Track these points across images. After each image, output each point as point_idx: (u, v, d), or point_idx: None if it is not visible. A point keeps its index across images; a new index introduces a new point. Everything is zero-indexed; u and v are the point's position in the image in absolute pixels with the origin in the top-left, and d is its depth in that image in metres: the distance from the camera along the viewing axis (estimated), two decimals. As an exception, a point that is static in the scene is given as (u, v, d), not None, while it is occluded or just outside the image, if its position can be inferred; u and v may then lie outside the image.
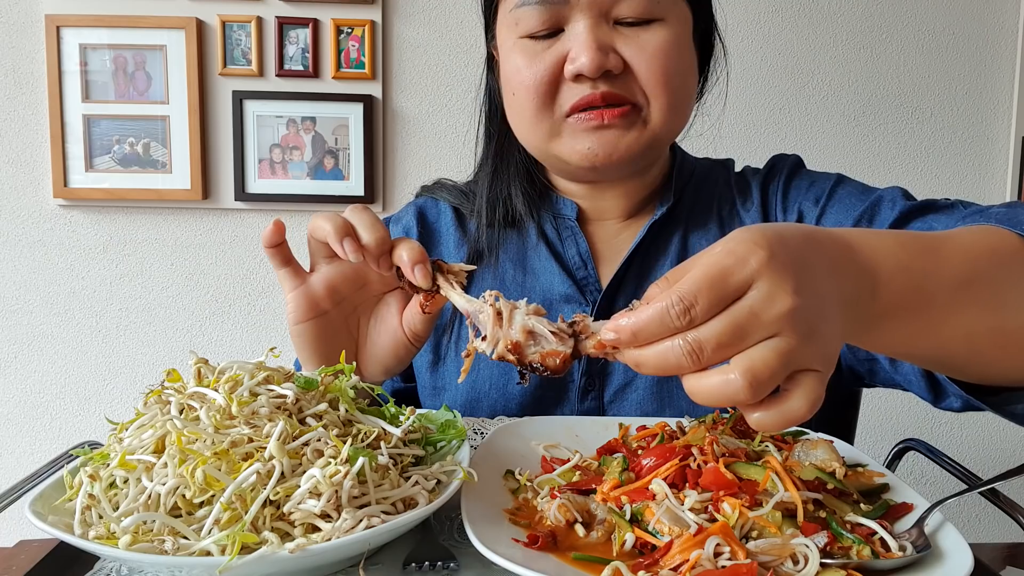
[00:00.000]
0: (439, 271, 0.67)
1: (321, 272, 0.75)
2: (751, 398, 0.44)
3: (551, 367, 0.54)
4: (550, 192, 0.98)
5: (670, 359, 0.45)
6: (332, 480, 0.53)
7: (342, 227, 0.67)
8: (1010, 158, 2.12)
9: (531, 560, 0.50)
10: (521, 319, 0.55)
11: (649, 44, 0.82)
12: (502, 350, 0.55)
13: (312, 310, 0.74)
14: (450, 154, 2.07)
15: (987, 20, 2.09)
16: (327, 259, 0.74)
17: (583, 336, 0.54)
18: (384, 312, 0.78)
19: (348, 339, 0.78)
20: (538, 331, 0.54)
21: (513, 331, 0.55)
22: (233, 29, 1.99)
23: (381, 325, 0.78)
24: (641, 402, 0.90)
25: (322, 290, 0.75)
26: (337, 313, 0.76)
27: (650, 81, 0.82)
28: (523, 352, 0.55)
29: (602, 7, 0.81)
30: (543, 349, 0.54)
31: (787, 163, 0.97)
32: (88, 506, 0.54)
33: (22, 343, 2.08)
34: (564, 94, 0.84)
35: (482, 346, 0.57)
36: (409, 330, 0.76)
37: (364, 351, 0.78)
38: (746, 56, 2.07)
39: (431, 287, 0.67)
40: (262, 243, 0.73)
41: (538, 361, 0.54)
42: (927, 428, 2.12)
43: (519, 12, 0.84)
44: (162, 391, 0.62)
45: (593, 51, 0.80)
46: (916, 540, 0.54)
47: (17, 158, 2.02)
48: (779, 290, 0.44)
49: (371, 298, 0.78)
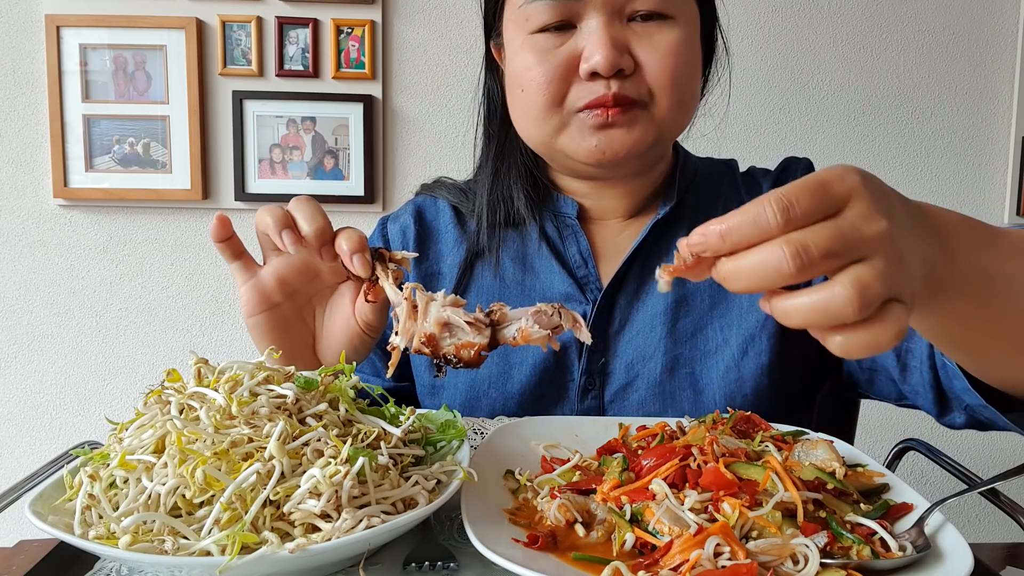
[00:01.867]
0: (380, 260, 0.67)
1: (271, 265, 0.75)
2: (858, 314, 0.41)
3: (465, 359, 0.54)
4: (552, 191, 0.98)
5: (770, 263, 0.41)
6: (332, 480, 0.53)
7: (281, 219, 0.68)
8: (1010, 158, 2.12)
9: (531, 560, 0.50)
10: (436, 311, 0.55)
11: (661, 43, 0.82)
12: (417, 344, 0.55)
13: (264, 303, 0.75)
14: (450, 154, 2.07)
15: (987, 20, 2.09)
16: (274, 252, 0.75)
17: (500, 325, 0.53)
18: (338, 303, 0.78)
19: (304, 330, 0.78)
20: (454, 322, 0.54)
21: (427, 323, 0.55)
22: (233, 29, 1.99)
23: (336, 316, 0.78)
24: (642, 402, 0.90)
25: (272, 283, 0.75)
26: (290, 305, 0.77)
27: (659, 79, 0.82)
28: (437, 344, 0.54)
29: (616, 3, 0.81)
30: (459, 341, 0.54)
31: (800, 166, 0.98)
32: (88, 506, 0.54)
33: (22, 343, 2.08)
34: (575, 91, 0.83)
35: (396, 340, 0.56)
36: (361, 320, 0.75)
37: (320, 342, 0.79)
38: (747, 56, 2.07)
39: (370, 276, 0.67)
40: (211, 238, 0.73)
41: (452, 353, 0.54)
42: (927, 428, 2.12)
43: (529, 8, 0.84)
44: (162, 391, 0.62)
45: (608, 48, 0.80)
46: (916, 540, 0.54)
47: (17, 158, 2.02)
48: (876, 211, 0.42)
49: (325, 289, 0.78)
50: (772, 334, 0.89)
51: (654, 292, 0.92)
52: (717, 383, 0.88)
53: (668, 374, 0.89)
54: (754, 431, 0.72)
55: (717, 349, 0.90)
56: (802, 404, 0.95)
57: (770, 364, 0.88)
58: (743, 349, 0.89)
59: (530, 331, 0.56)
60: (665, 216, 0.93)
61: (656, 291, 0.92)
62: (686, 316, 0.91)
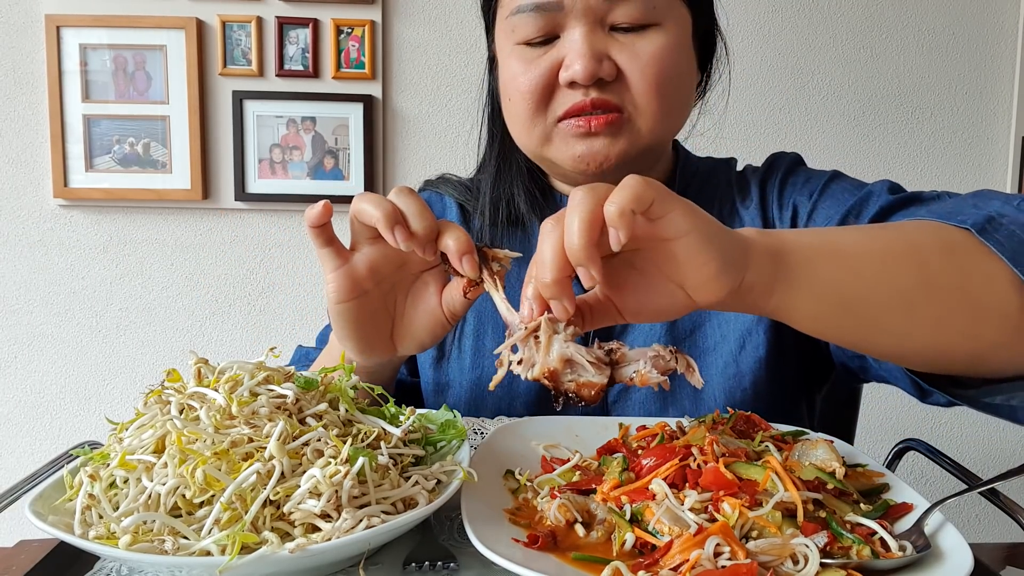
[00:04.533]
0: (484, 260, 0.67)
1: (364, 253, 0.73)
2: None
3: (586, 397, 0.54)
4: (553, 192, 0.98)
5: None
6: (332, 480, 0.53)
7: (391, 214, 0.66)
8: (1010, 158, 2.12)
9: (531, 560, 0.50)
10: (559, 347, 0.54)
11: (644, 52, 0.82)
12: (538, 374, 0.54)
13: (354, 290, 0.73)
14: (450, 154, 2.07)
15: (987, 20, 2.09)
16: (370, 241, 0.73)
17: (620, 364, 0.53)
18: (422, 291, 0.77)
19: (386, 317, 0.77)
20: (577, 360, 0.54)
21: (551, 358, 0.54)
22: (233, 29, 1.99)
23: (420, 304, 0.77)
24: (644, 402, 0.90)
25: (364, 271, 0.73)
26: (377, 292, 0.75)
27: (642, 89, 0.82)
28: (559, 380, 0.54)
29: (597, 14, 0.81)
30: (579, 378, 0.54)
31: (785, 161, 0.98)
32: (88, 506, 0.54)
33: (22, 343, 2.08)
34: (557, 100, 0.84)
35: (518, 369, 0.56)
36: (448, 310, 0.75)
37: (400, 328, 0.78)
38: (746, 56, 2.07)
39: (478, 278, 0.67)
40: (306, 223, 0.71)
41: (573, 390, 0.54)
42: (927, 428, 2.12)
43: (515, 19, 0.84)
44: (162, 391, 0.62)
45: (587, 59, 0.80)
46: (916, 540, 0.54)
47: (17, 158, 2.02)
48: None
49: (409, 276, 0.77)
50: (768, 327, 0.89)
51: (655, 292, 0.92)
52: (717, 379, 0.89)
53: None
54: (754, 431, 0.72)
55: (716, 346, 0.90)
56: (802, 403, 0.95)
57: (767, 357, 0.88)
58: (740, 343, 0.89)
59: (648, 376, 0.57)
60: None
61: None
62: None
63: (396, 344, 0.77)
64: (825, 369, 0.95)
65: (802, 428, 0.75)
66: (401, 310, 0.77)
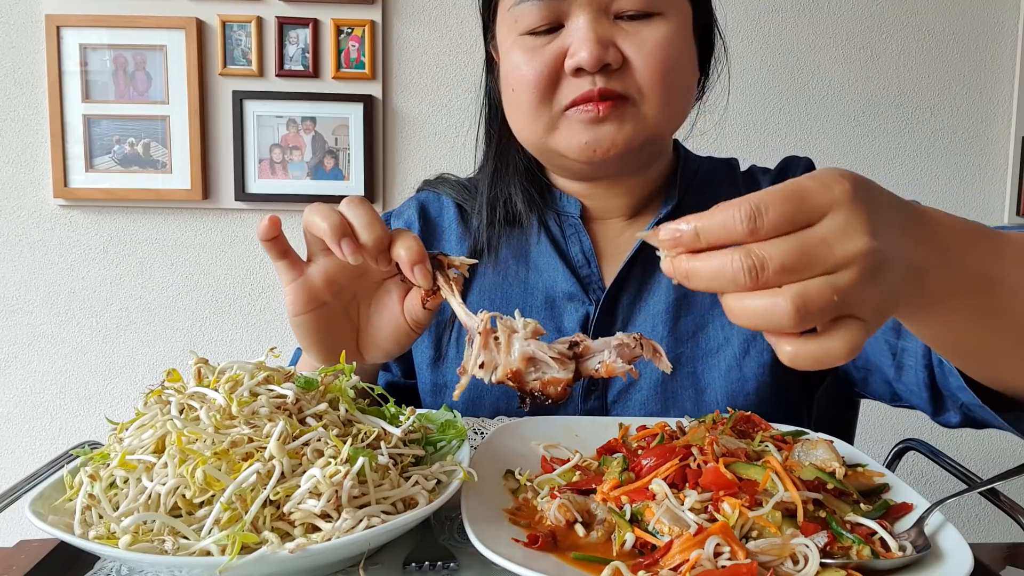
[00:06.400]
0: (439, 268, 0.66)
1: (319, 264, 0.74)
2: (794, 326, 0.41)
3: (552, 395, 0.53)
4: (553, 191, 0.98)
5: (726, 271, 0.42)
6: (332, 480, 0.53)
7: (338, 227, 0.66)
8: (1010, 158, 2.12)
9: (531, 560, 0.50)
10: (520, 346, 0.54)
11: (649, 39, 0.82)
12: (500, 376, 0.54)
13: (312, 302, 0.74)
14: (450, 154, 2.07)
15: (987, 20, 2.09)
16: (324, 252, 0.73)
17: (584, 358, 0.53)
18: (385, 299, 0.77)
19: (348, 326, 0.77)
20: (539, 357, 0.53)
21: (512, 359, 0.53)
22: (233, 29, 1.99)
23: (383, 312, 0.77)
24: (645, 402, 0.90)
25: (321, 282, 0.74)
26: (337, 302, 0.76)
27: (648, 76, 0.82)
28: (523, 380, 0.53)
29: (602, 2, 0.81)
30: (544, 376, 0.53)
31: (799, 165, 0.98)
32: (88, 506, 0.54)
33: (22, 343, 2.08)
34: (563, 89, 0.84)
35: (479, 373, 0.55)
36: (411, 318, 0.75)
37: (364, 337, 0.78)
38: (746, 56, 2.07)
39: (431, 287, 0.66)
40: (257, 236, 0.72)
41: (539, 389, 0.53)
42: (927, 428, 2.11)
43: (518, 9, 0.84)
44: (162, 391, 0.62)
45: (593, 44, 0.80)
46: (916, 540, 0.54)
47: (17, 158, 2.02)
48: (855, 226, 0.42)
49: (371, 285, 0.77)
50: None
51: (656, 292, 0.92)
52: (719, 382, 0.88)
53: (670, 373, 0.89)
54: (754, 431, 0.72)
55: (719, 348, 0.90)
56: (802, 403, 0.95)
57: (772, 362, 0.88)
58: (744, 348, 0.89)
59: (614, 365, 0.55)
60: (667, 216, 0.93)
61: (657, 291, 0.92)
62: (687, 315, 0.91)
63: (363, 353, 0.77)
64: (825, 371, 0.95)
65: (802, 428, 0.75)
66: (365, 319, 0.77)
